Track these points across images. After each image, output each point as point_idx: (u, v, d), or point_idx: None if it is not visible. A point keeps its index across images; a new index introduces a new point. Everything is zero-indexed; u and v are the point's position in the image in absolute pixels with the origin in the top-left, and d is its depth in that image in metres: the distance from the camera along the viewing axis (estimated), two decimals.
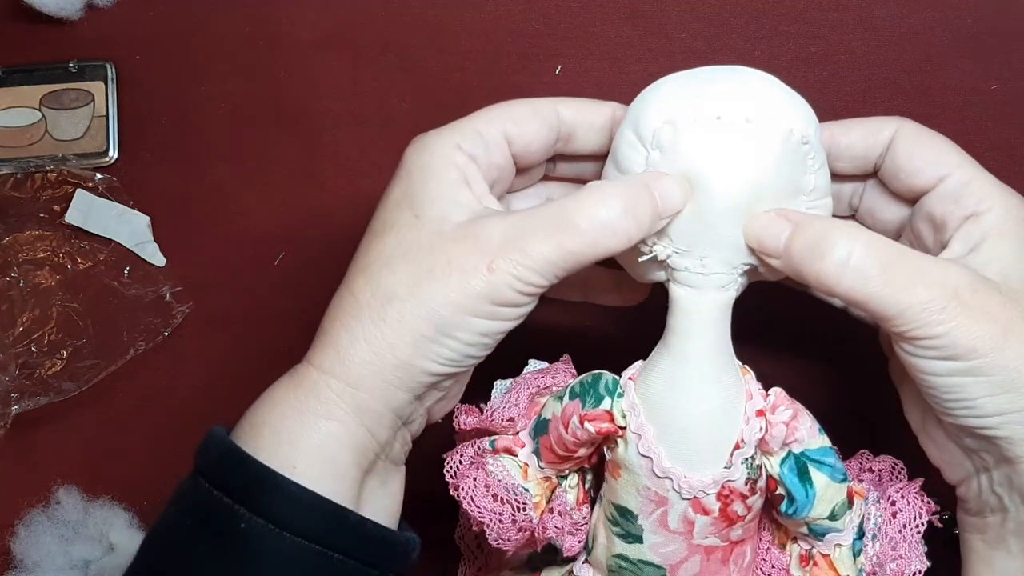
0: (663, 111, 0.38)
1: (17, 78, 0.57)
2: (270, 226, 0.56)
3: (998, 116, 0.53)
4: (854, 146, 0.41)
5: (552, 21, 0.55)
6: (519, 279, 0.37)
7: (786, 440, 0.40)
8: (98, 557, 0.54)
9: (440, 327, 0.37)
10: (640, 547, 0.41)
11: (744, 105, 0.38)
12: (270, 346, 0.56)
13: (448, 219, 0.38)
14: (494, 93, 0.55)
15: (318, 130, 0.56)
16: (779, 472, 0.40)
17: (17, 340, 0.55)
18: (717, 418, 0.39)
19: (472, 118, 0.41)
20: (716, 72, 0.39)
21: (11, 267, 0.56)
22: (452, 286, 0.37)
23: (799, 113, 0.39)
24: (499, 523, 0.41)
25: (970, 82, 0.53)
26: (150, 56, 0.57)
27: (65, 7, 0.56)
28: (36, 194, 0.56)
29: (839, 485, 0.40)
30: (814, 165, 0.39)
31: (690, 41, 0.54)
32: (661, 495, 0.40)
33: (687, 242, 0.39)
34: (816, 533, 0.42)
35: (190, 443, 0.56)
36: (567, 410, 0.41)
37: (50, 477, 0.55)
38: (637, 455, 0.40)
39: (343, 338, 0.38)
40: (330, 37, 0.56)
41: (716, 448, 0.39)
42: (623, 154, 0.40)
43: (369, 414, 0.38)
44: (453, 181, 0.39)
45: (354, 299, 0.39)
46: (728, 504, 0.40)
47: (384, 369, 0.38)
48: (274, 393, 0.39)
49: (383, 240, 0.39)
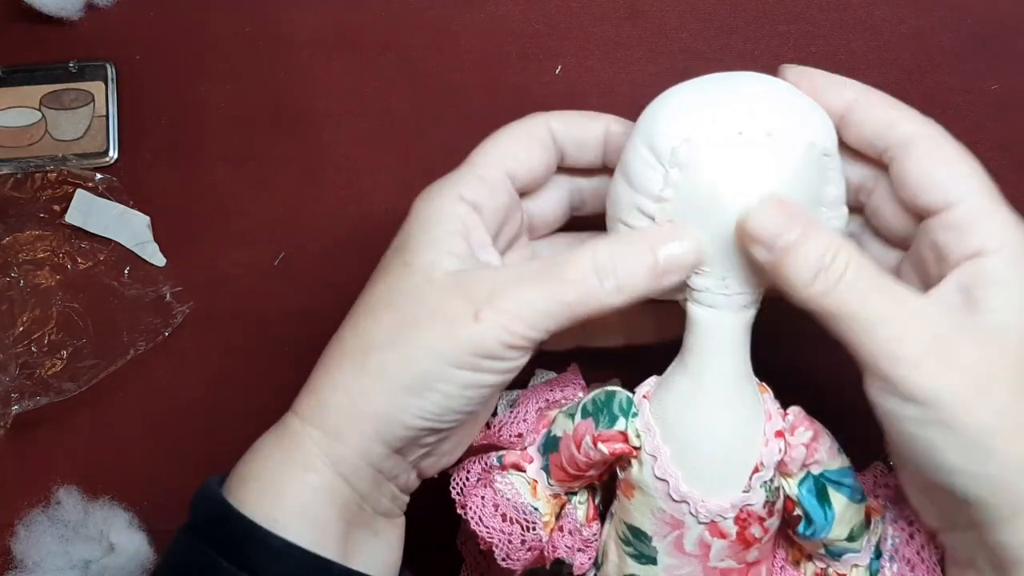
0: (681, 127, 0.37)
1: (17, 78, 0.57)
2: (270, 226, 0.56)
3: (999, 116, 0.52)
4: (864, 125, 0.38)
5: (552, 21, 0.55)
6: (506, 330, 0.35)
7: (805, 461, 0.39)
8: (98, 557, 0.54)
9: (421, 379, 0.36)
10: (654, 568, 0.40)
11: (765, 118, 0.36)
12: (270, 346, 0.56)
13: (438, 267, 0.37)
14: (494, 93, 0.55)
15: (318, 130, 0.56)
16: (797, 493, 0.39)
17: (17, 340, 0.55)
18: (736, 441, 0.38)
19: (473, 164, 0.40)
20: (732, 81, 0.38)
21: (11, 267, 0.56)
22: (435, 335, 0.36)
23: (819, 124, 0.37)
24: (508, 543, 0.40)
25: (971, 82, 0.52)
26: (150, 56, 0.57)
27: (65, 7, 0.56)
28: (36, 194, 0.56)
29: (858, 505, 0.39)
30: (834, 176, 0.38)
31: (690, 41, 0.54)
32: (677, 518, 0.39)
33: (708, 262, 0.38)
34: (833, 554, 0.41)
35: (190, 443, 0.57)
36: (579, 429, 0.40)
37: (50, 477, 0.55)
38: (652, 477, 0.39)
39: (324, 386, 0.38)
40: (330, 37, 0.56)
41: (735, 472, 0.38)
42: (637, 171, 0.38)
43: (346, 466, 0.37)
44: (450, 231, 0.38)
45: (340, 347, 0.38)
46: (746, 527, 0.39)
47: (361, 420, 0.37)
48: (263, 444, 0.39)
49: (374, 287, 0.39)
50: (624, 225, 0.39)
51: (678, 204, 0.37)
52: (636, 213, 0.38)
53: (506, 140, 0.41)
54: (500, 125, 0.55)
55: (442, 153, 0.55)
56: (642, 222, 0.38)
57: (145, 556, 0.54)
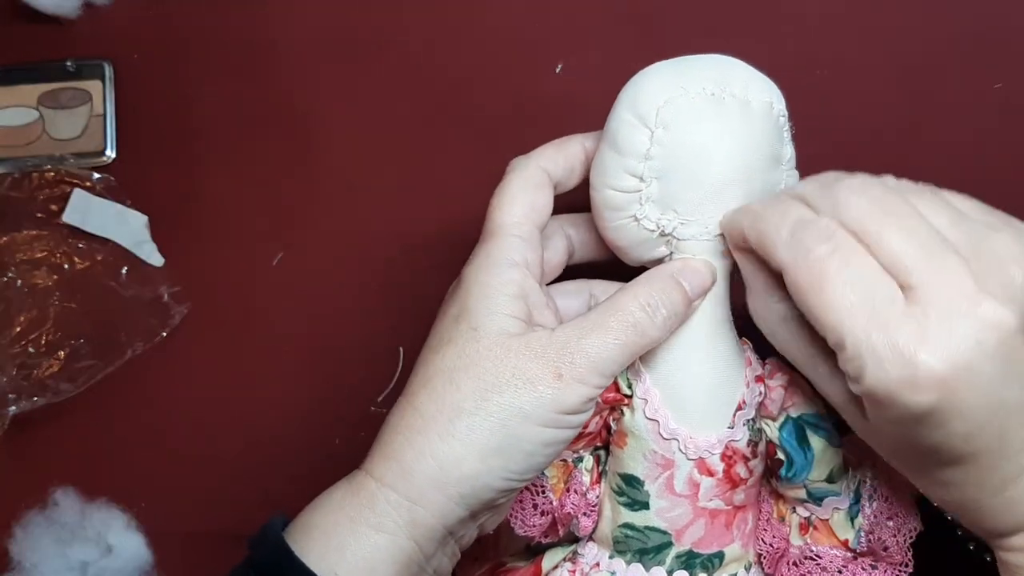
0: (662, 91, 0.41)
1: (14, 77, 0.57)
2: (269, 226, 0.56)
3: (1000, 116, 0.52)
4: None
5: (552, 21, 0.55)
6: (583, 384, 0.38)
7: (784, 404, 0.43)
8: (96, 559, 0.54)
9: (508, 439, 0.38)
10: (646, 513, 0.42)
11: (732, 84, 0.41)
12: (269, 347, 0.56)
13: (506, 331, 0.39)
14: (494, 93, 0.55)
15: (318, 130, 0.56)
16: (778, 436, 0.43)
17: (14, 340, 0.55)
18: (720, 380, 0.42)
19: (506, 225, 0.42)
20: (698, 58, 0.42)
21: (8, 267, 0.55)
22: (521, 397, 0.38)
23: (774, 90, 0.43)
24: (521, 509, 0.43)
25: (972, 82, 0.52)
26: (148, 55, 0.57)
27: (63, 6, 0.55)
28: (33, 194, 0.56)
29: (835, 449, 0.43)
30: (787, 138, 0.43)
31: (690, 41, 0.54)
32: (667, 458, 0.42)
33: (692, 212, 0.41)
34: (815, 498, 0.44)
35: (188, 444, 0.56)
36: None
37: (47, 478, 0.55)
38: (644, 419, 0.42)
39: (407, 453, 0.39)
40: (330, 37, 0.56)
41: (719, 409, 0.42)
42: (624, 136, 0.41)
43: (421, 529, 0.38)
44: (510, 296, 0.40)
45: (418, 414, 0.39)
46: (732, 465, 0.42)
47: (448, 484, 0.38)
48: (331, 497, 0.40)
49: (443, 354, 0.40)
50: (611, 189, 0.42)
51: (664, 159, 0.41)
52: (623, 175, 0.41)
53: (522, 194, 0.43)
54: (500, 125, 0.55)
55: (442, 153, 0.56)
56: (629, 182, 0.41)
57: (143, 558, 0.54)
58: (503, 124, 0.55)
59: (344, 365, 0.56)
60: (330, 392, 0.56)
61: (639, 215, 0.42)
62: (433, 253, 0.55)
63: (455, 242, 0.56)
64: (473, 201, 0.56)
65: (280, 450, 0.55)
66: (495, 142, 0.55)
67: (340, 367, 0.56)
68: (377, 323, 0.55)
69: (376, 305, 0.56)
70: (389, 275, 0.56)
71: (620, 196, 0.42)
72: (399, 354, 0.55)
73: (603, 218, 0.43)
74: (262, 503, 0.46)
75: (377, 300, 0.56)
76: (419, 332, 0.42)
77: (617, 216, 0.42)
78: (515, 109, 0.55)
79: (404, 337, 0.54)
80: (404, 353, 0.55)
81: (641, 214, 0.42)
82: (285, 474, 0.55)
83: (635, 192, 0.41)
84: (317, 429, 0.55)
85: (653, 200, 0.41)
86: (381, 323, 0.55)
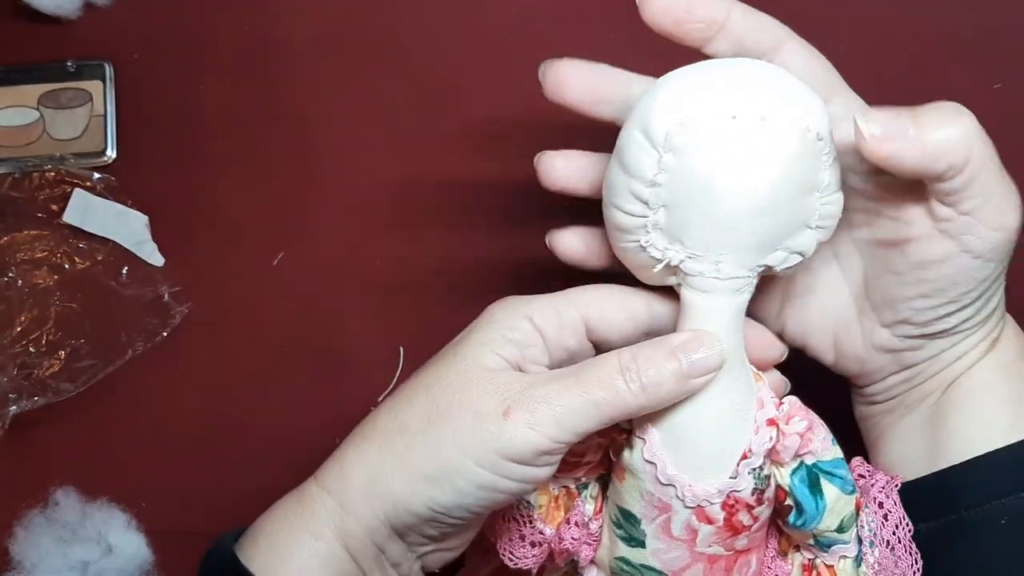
0: (675, 111, 0.36)
1: (15, 77, 0.57)
2: (269, 226, 0.56)
3: (1001, 115, 0.52)
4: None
5: (552, 21, 0.55)
6: (534, 430, 0.36)
7: (799, 451, 0.39)
8: (96, 558, 0.54)
9: (441, 470, 0.37)
10: (642, 552, 0.40)
11: (759, 103, 0.36)
12: (269, 347, 0.56)
13: (480, 364, 0.38)
14: (494, 93, 0.55)
15: (318, 130, 0.56)
16: (789, 483, 0.39)
17: (15, 340, 0.55)
18: (724, 426, 0.38)
19: (557, 295, 0.40)
20: (726, 66, 0.38)
21: (9, 267, 0.56)
22: (463, 429, 0.36)
23: (812, 108, 0.37)
24: (509, 541, 0.41)
25: (973, 82, 0.52)
26: (148, 55, 0.57)
27: (63, 6, 0.55)
28: (34, 194, 0.56)
29: (849, 497, 0.40)
30: (827, 160, 0.38)
31: None
32: (665, 502, 0.39)
33: (701, 246, 0.37)
34: (822, 545, 0.41)
35: (189, 444, 0.56)
36: None
37: (48, 478, 0.55)
38: (642, 460, 0.39)
39: (349, 458, 0.39)
40: (329, 37, 0.56)
41: (722, 457, 0.38)
42: (632, 156, 0.37)
43: (353, 540, 0.38)
44: (506, 338, 0.39)
45: (373, 423, 0.39)
46: (733, 514, 0.39)
47: (373, 497, 0.37)
48: (280, 504, 0.40)
49: (425, 372, 0.39)
50: (618, 210, 0.38)
51: (671, 188, 0.37)
52: (630, 197, 0.37)
53: (599, 293, 0.41)
54: (501, 126, 0.55)
55: (442, 153, 0.56)
56: (636, 207, 0.37)
57: (143, 557, 0.54)
58: (503, 124, 0.55)
59: (344, 365, 0.56)
60: (330, 392, 0.56)
61: (644, 243, 0.38)
62: (433, 253, 0.55)
63: (455, 242, 0.56)
64: (473, 201, 0.56)
65: (280, 450, 0.55)
66: (495, 142, 0.55)
67: (340, 367, 0.56)
68: (377, 323, 0.55)
69: (376, 305, 0.56)
70: (389, 275, 0.56)
71: (627, 218, 0.38)
72: (399, 354, 0.55)
73: (612, 236, 0.40)
74: (262, 503, 0.46)
75: (377, 300, 0.56)
76: (419, 332, 0.42)
77: (625, 238, 0.39)
78: (515, 109, 0.55)
79: (404, 337, 0.54)
80: (404, 353, 0.55)
81: (647, 242, 0.38)
82: (285, 474, 0.55)
83: (641, 217, 0.38)
84: (317, 429, 0.55)
85: (660, 228, 0.38)
86: (381, 323, 0.55)
